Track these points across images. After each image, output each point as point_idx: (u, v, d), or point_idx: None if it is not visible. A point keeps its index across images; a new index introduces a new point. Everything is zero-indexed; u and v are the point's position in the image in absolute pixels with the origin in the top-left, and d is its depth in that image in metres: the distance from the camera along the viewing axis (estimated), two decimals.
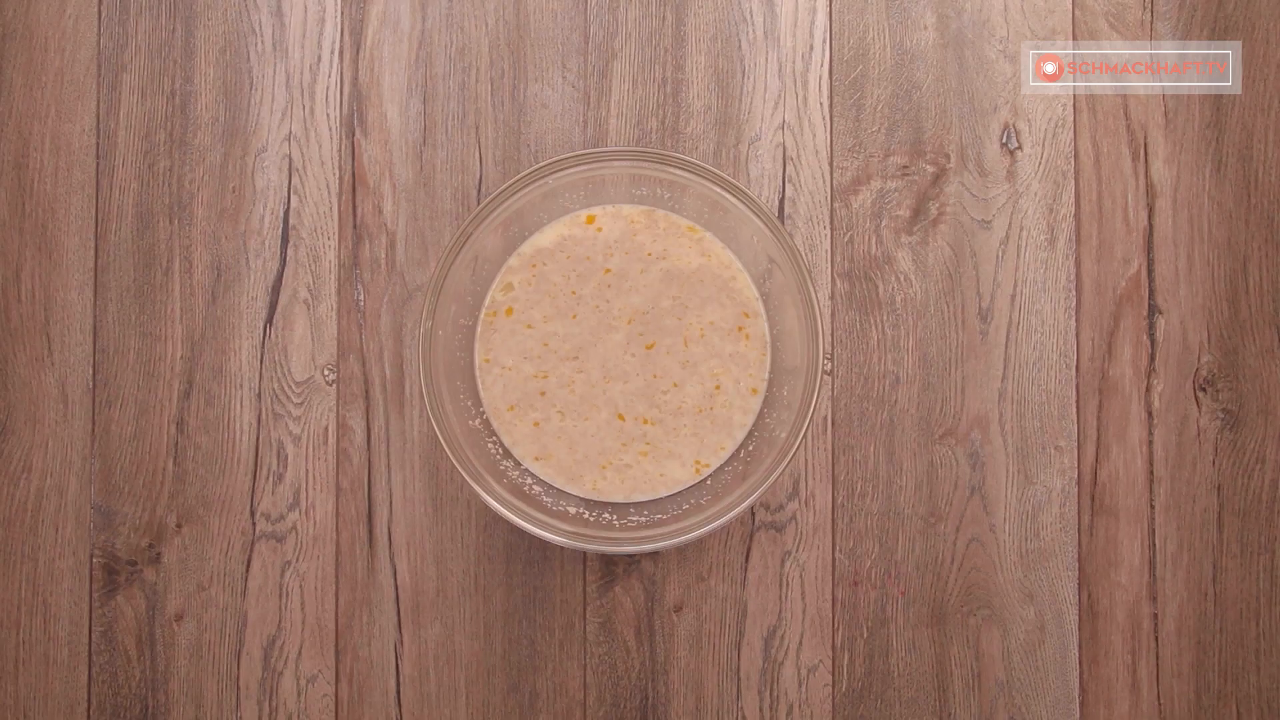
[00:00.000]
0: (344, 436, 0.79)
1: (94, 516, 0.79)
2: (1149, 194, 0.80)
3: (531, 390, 0.77)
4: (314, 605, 0.78)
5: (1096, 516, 0.78)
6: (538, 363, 0.77)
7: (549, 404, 0.77)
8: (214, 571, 0.78)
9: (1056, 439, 0.78)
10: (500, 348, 0.77)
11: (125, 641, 0.78)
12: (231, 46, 0.81)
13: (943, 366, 0.79)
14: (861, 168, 0.80)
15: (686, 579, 0.78)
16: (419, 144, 0.80)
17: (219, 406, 0.79)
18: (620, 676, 0.78)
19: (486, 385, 0.77)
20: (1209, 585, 0.78)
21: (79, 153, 0.80)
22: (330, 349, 0.79)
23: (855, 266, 0.79)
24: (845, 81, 0.80)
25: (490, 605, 0.78)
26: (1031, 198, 0.80)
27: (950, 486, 0.78)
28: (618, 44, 0.81)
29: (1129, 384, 0.79)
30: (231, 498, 0.79)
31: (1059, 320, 0.79)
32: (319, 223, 0.80)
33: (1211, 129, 0.80)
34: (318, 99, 0.80)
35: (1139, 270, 0.79)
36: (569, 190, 0.75)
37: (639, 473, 0.76)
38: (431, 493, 0.79)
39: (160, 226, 0.80)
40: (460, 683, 0.78)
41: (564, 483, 0.76)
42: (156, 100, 0.80)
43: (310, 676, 0.78)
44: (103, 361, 0.79)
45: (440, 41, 0.81)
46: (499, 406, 0.77)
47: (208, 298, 0.80)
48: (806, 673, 0.78)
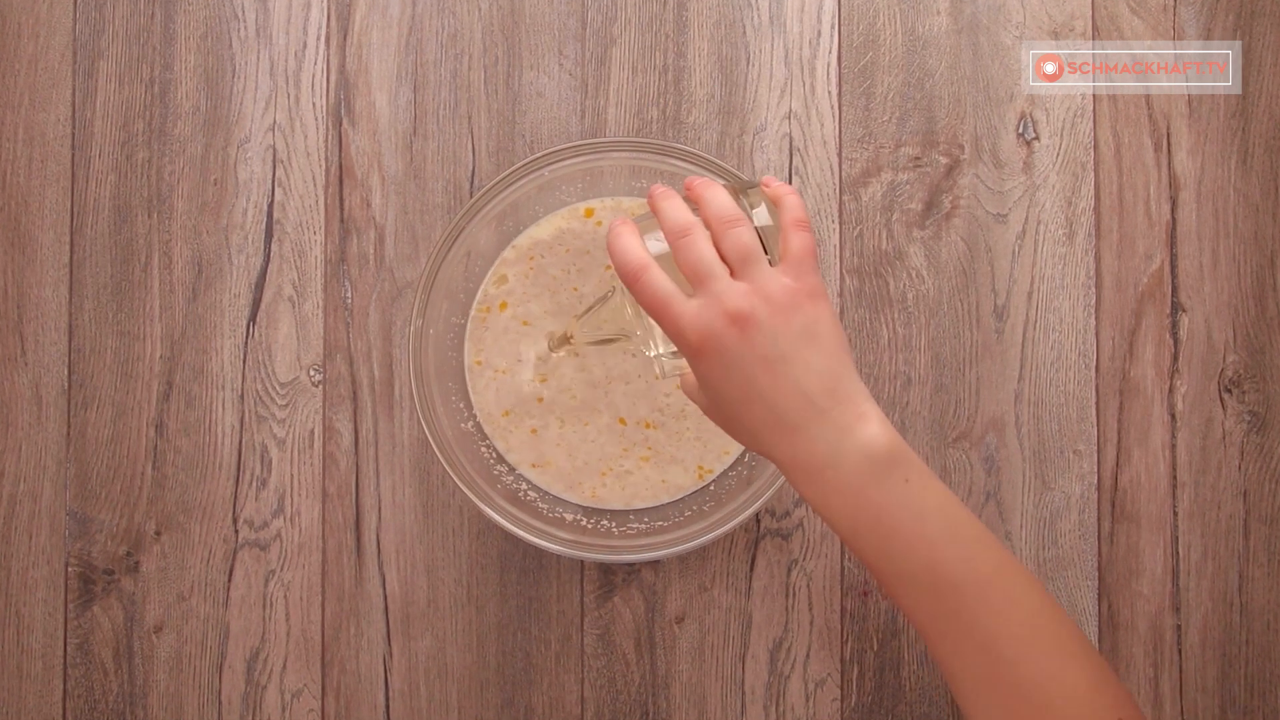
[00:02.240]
0: (330, 440, 0.76)
1: (69, 523, 0.76)
2: (1172, 186, 0.77)
3: (528, 395, 0.74)
4: (299, 616, 0.75)
5: (1117, 523, 0.75)
6: (536, 366, 0.74)
7: (547, 410, 0.74)
8: (195, 581, 0.75)
9: (1075, 442, 0.76)
10: (493, 347, 0.74)
11: (102, 654, 0.75)
12: (213, 32, 0.78)
13: (956, 367, 0.76)
14: (871, 159, 0.77)
15: (689, 589, 0.75)
16: (409, 134, 0.77)
17: (200, 408, 0.76)
18: (619, 691, 0.75)
19: (478, 389, 0.74)
20: (1234, 595, 0.75)
21: (53, 143, 0.77)
22: (316, 348, 0.76)
23: (865, 262, 0.76)
24: (854, 69, 0.77)
25: (484, 616, 0.75)
26: (1049, 190, 0.77)
27: (964, 492, 0.75)
28: (617, 29, 0.78)
29: (1151, 385, 0.76)
30: (213, 504, 0.76)
31: (1078, 318, 0.76)
32: (304, 216, 0.77)
33: (1237, 119, 0.77)
34: (303, 87, 0.77)
35: (1161, 266, 0.76)
36: (566, 182, 0.73)
37: (640, 479, 0.73)
38: (422, 499, 0.76)
39: (139, 220, 0.77)
40: (452, 697, 0.75)
41: (561, 490, 0.74)
42: (134, 88, 0.77)
43: (295, 691, 0.75)
44: (78, 361, 0.76)
45: (431, 27, 0.77)
46: (493, 412, 0.74)
47: (188, 295, 0.77)
48: (814, 687, 0.75)
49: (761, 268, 0.54)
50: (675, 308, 0.53)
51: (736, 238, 0.54)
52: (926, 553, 0.51)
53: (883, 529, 0.52)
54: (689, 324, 0.53)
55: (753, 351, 0.52)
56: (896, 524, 0.52)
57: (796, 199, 0.56)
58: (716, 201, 0.55)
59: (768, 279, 0.53)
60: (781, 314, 0.53)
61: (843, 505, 0.52)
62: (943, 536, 0.52)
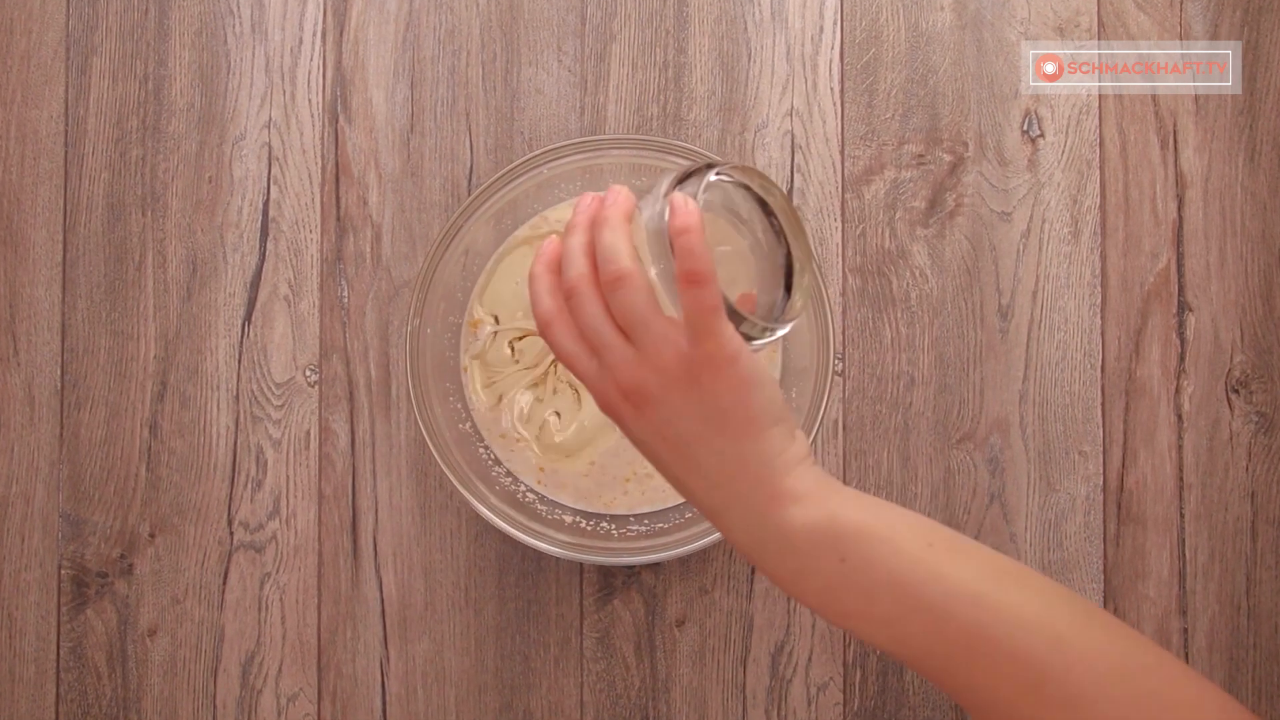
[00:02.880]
0: (327, 441, 0.75)
1: (62, 525, 0.75)
2: (1178, 184, 0.76)
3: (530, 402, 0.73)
4: (295, 619, 0.74)
5: (1123, 526, 0.74)
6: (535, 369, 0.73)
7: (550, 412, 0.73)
8: (189, 584, 0.75)
9: (1080, 443, 0.75)
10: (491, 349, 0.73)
11: (95, 658, 0.74)
12: (208, 28, 0.77)
13: (960, 367, 0.75)
14: (874, 157, 0.76)
15: (689, 591, 0.74)
16: (406, 131, 0.76)
17: (194, 409, 0.75)
18: (619, 695, 0.74)
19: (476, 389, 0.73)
20: (1242, 598, 0.74)
21: (46, 140, 0.76)
22: (312, 348, 0.75)
23: (868, 261, 0.76)
24: (857, 65, 0.76)
25: (481, 620, 0.74)
26: (1054, 188, 0.76)
27: (968, 494, 0.74)
28: (616, 25, 0.77)
29: (1157, 385, 0.75)
30: (208, 505, 0.75)
31: (1083, 318, 0.75)
32: (300, 215, 0.76)
33: (1245, 115, 0.76)
34: (299, 84, 0.76)
35: (1168, 265, 0.75)
36: (565, 180, 0.72)
37: (660, 483, 0.72)
38: (419, 500, 0.75)
39: (132, 219, 0.76)
40: (450, 701, 0.74)
41: (572, 500, 0.72)
42: (128, 85, 0.76)
43: (291, 695, 0.74)
44: (71, 361, 0.75)
45: (429, 23, 0.77)
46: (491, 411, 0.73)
47: (182, 294, 0.76)
48: (816, 691, 0.74)
49: (651, 333, 0.46)
50: (579, 368, 0.49)
51: (620, 301, 0.47)
52: (888, 632, 0.46)
53: (835, 612, 0.47)
54: (592, 389, 0.49)
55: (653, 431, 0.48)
56: (847, 609, 0.47)
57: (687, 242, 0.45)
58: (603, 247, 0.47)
59: (661, 346, 0.46)
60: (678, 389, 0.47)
61: (790, 588, 0.48)
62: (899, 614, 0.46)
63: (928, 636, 0.46)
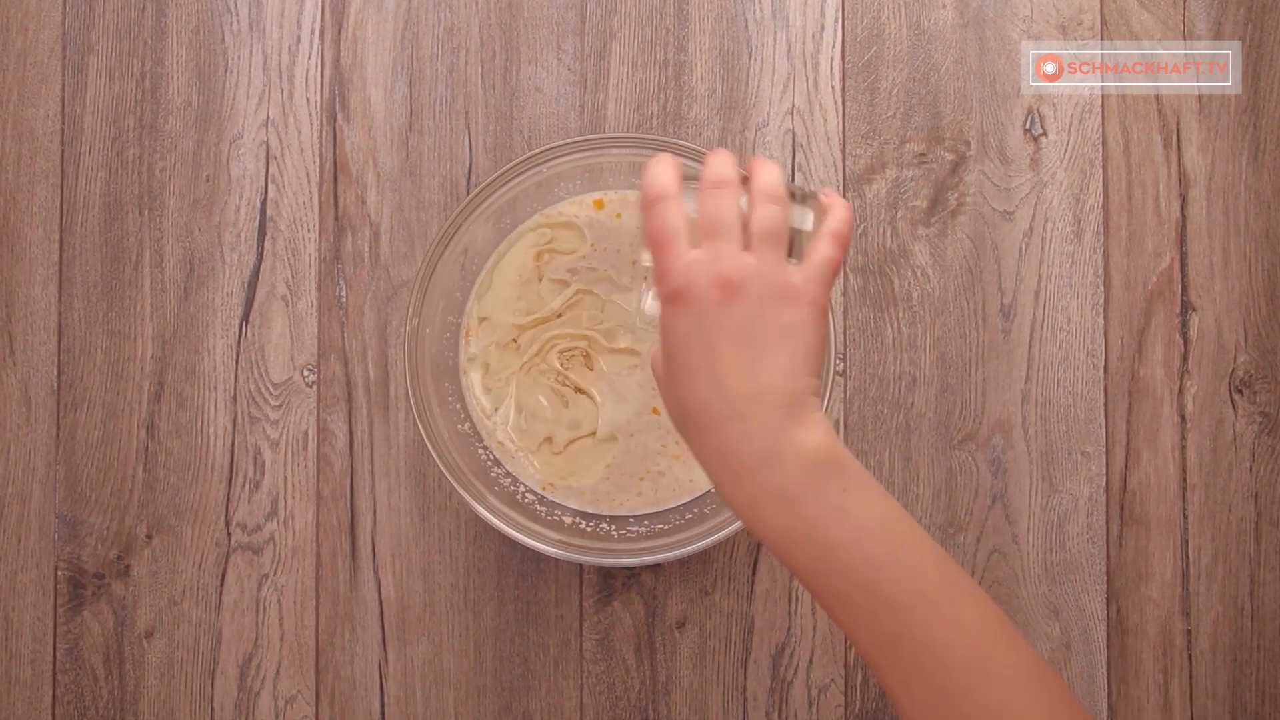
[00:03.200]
0: (325, 441, 0.74)
1: (59, 526, 0.74)
2: (1182, 183, 0.75)
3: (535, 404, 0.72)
4: (293, 621, 0.74)
5: (1126, 526, 0.74)
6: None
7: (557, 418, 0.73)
8: (186, 585, 0.74)
9: (1083, 444, 0.74)
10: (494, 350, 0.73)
11: (92, 659, 0.74)
12: (205, 26, 0.76)
13: (962, 367, 0.75)
14: (876, 155, 0.76)
15: (689, 593, 0.74)
16: (405, 130, 0.76)
17: (192, 409, 0.75)
18: (619, 697, 0.74)
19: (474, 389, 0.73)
20: (1245, 599, 0.74)
21: (42, 139, 0.76)
22: (310, 348, 0.75)
23: (869, 260, 0.75)
24: (858, 63, 0.76)
25: (480, 621, 0.74)
26: (1057, 187, 0.75)
27: (970, 495, 0.74)
28: (616, 23, 0.76)
29: (1160, 385, 0.74)
30: (205, 506, 0.74)
31: (1086, 318, 0.75)
32: (298, 214, 0.75)
33: (1248, 114, 0.75)
34: (297, 82, 0.76)
35: (1171, 264, 0.75)
36: (564, 179, 0.71)
37: (671, 480, 0.71)
38: (418, 501, 0.74)
39: (129, 218, 0.75)
40: (449, 703, 0.74)
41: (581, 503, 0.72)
42: (125, 83, 0.76)
43: (289, 697, 0.74)
44: (68, 362, 0.75)
45: (427, 21, 0.76)
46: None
47: (180, 294, 0.75)
48: (817, 692, 0.73)
49: (776, 252, 0.50)
50: (674, 247, 0.50)
51: (769, 213, 0.51)
52: (864, 572, 0.47)
53: (817, 544, 0.48)
54: (678, 268, 0.50)
55: (726, 322, 0.49)
56: (832, 539, 0.47)
57: (847, 215, 0.52)
58: (769, 177, 0.52)
59: (776, 264, 0.50)
60: (771, 301, 0.49)
61: (774, 514, 0.48)
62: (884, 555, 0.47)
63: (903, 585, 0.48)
